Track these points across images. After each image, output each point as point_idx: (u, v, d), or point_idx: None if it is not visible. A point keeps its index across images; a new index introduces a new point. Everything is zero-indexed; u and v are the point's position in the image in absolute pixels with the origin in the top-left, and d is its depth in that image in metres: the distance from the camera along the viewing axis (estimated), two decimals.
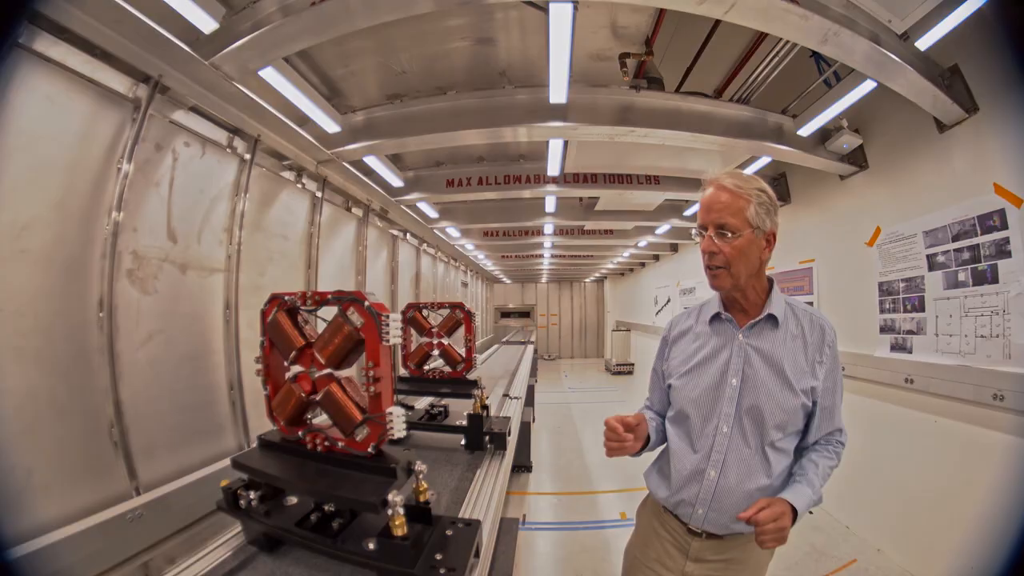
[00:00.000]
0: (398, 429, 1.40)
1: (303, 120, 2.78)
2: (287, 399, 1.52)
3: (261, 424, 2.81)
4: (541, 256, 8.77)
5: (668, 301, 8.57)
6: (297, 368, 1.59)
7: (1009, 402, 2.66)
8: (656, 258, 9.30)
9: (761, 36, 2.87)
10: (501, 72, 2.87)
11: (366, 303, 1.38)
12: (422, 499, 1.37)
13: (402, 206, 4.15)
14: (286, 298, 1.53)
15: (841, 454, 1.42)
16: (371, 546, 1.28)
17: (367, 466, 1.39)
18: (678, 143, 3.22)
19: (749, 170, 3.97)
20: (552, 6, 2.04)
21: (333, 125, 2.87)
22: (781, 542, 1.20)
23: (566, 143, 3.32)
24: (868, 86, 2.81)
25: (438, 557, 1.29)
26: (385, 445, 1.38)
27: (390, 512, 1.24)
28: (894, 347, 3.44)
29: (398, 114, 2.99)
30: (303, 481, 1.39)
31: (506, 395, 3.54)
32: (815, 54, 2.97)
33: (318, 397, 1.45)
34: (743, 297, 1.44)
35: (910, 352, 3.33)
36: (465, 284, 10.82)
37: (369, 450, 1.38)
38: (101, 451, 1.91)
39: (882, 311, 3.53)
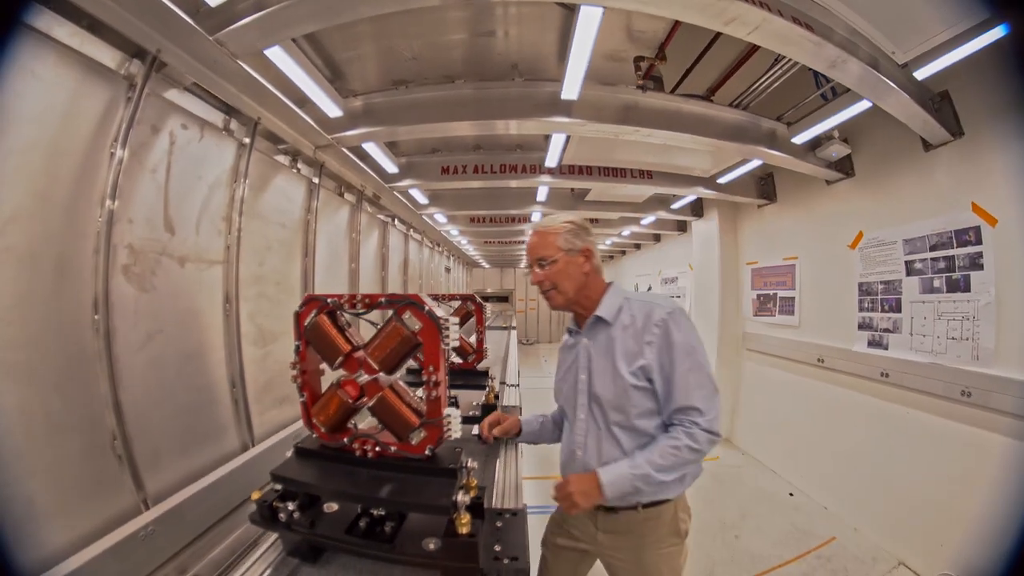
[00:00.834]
0: (455, 430, 1.39)
1: (302, 103, 2.64)
2: (330, 405, 1.46)
3: (263, 421, 2.71)
4: (524, 242, 8.72)
5: (649, 289, 8.59)
6: (341, 373, 1.53)
7: (976, 399, 2.89)
8: (638, 247, 9.40)
9: (756, 45, 2.91)
10: (513, 64, 2.79)
11: (426, 307, 1.34)
12: (473, 494, 1.36)
13: (395, 192, 3.99)
14: (329, 300, 1.45)
15: (695, 433, 1.44)
16: (432, 546, 1.26)
17: (423, 468, 1.37)
18: (679, 144, 3.26)
19: (738, 172, 4.04)
20: (583, 8, 2.03)
21: (335, 109, 2.71)
22: (571, 509, 1.48)
23: (568, 137, 3.29)
24: (864, 105, 2.93)
25: (497, 548, 1.32)
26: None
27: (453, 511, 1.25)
28: (871, 343, 3.61)
29: (404, 100, 2.86)
30: (360, 489, 1.33)
31: (503, 383, 3.51)
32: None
33: (369, 403, 1.40)
34: (580, 307, 1.68)
35: (886, 348, 3.51)
36: (448, 269, 10.68)
37: (426, 452, 1.37)
38: (105, 466, 1.75)
39: (861, 309, 3.68)
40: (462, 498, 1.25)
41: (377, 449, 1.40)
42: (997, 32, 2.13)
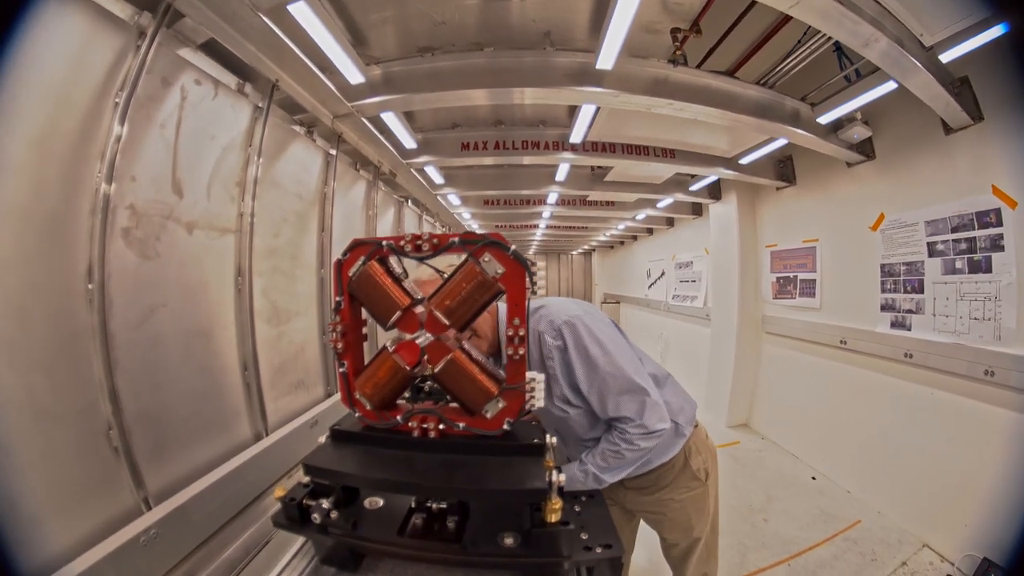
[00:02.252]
0: (539, 398, 1.09)
1: (322, 68, 2.28)
2: (380, 375, 1.12)
3: (278, 408, 2.29)
4: (536, 227, 8.25)
5: (662, 274, 8.17)
6: (393, 336, 1.22)
7: (999, 378, 2.74)
8: (650, 232, 8.96)
9: (782, 22, 2.72)
10: (545, 33, 2.47)
11: (511, 248, 1.04)
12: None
13: (412, 169, 3.62)
14: (383, 243, 1.10)
15: (630, 438, 1.39)
16: (510, 541, 0.99)
17: (499, 447, 1.09)
18: (710, 119, 2.97)
19: (759, 153, 3.76)
20: None
21: (357, 75, 2.36)
22: None
23: (597, 110, 2.95)
24: (888, 87, 2.75)
25: (584, 536, 1.07)
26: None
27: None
28: (894, 324, 3.35)
29: (428, 68, 2.51)
30: (426, 479, 1.01)
31: None
32: (838, 49, 2.92)
33: (434, 368, 1.09)
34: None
35: (909, 329, 3.27)
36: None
37: (505, 427, 1.09)
38: (100, 461, 1.41)
39: (883, 291, 3.42)
40: (557, 478, 0.95)
41: (441, 427, 1.09)
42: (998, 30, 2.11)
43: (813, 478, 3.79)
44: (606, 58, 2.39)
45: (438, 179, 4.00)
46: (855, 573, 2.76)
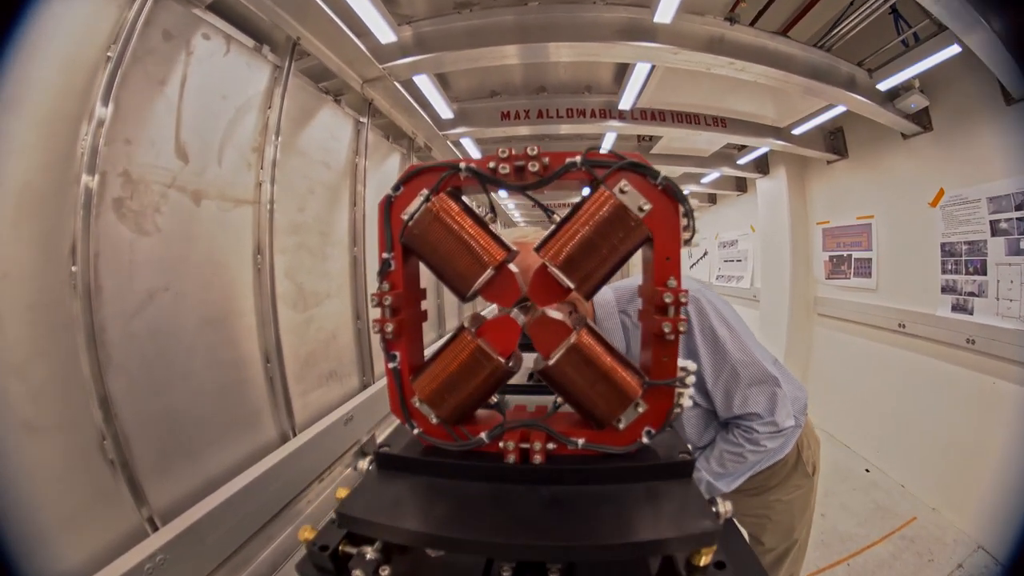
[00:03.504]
0: (687, 399, 0.72)
1: (349, 25, 1.87)
2: (461, 372, 0.72)
3: (306, 404, 1.86)
4: (573, 204, 7.77)
5: (705, 254, 7.40)
6: (493, 309, 0.95)
7: None
8: None
9: None
10: None
11: (660, 177, 0.66)
12: None
13: (448, 142, 3.19)
14: (462, 166, 0.70)
15: (755, 437, 1.09)
16: None
17: (634, 470, 0.71)
18: (769, 82, 2.52)
19: (813, 122, 3.33)
20: None
21: (389, 34, 1.95)
22: None
23: (651, 71, 2.52)
24: (951, 52, 2.39)
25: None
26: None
27: None
28: (955, 308, 2.92)
29: (466, 26, 2.11)
30: (537, 536, 0.61)
31: None
32: (894, 11, 2.57)
33: (549, 360, 0.70)
34: None
35: (971, 313, 2.84)
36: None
37: (643, 440, 0.71)
38: (93, 476, 1.08)
39: (944, 271, 2.98)
40: (725, 508, 0.61)
41: (551, 447, 0.71)
42: None
43: (867, 470, 3.40)
44: (665, 10, 1.98)
45: (475, 153, 3.55)
46: (913, 575, 2.44)
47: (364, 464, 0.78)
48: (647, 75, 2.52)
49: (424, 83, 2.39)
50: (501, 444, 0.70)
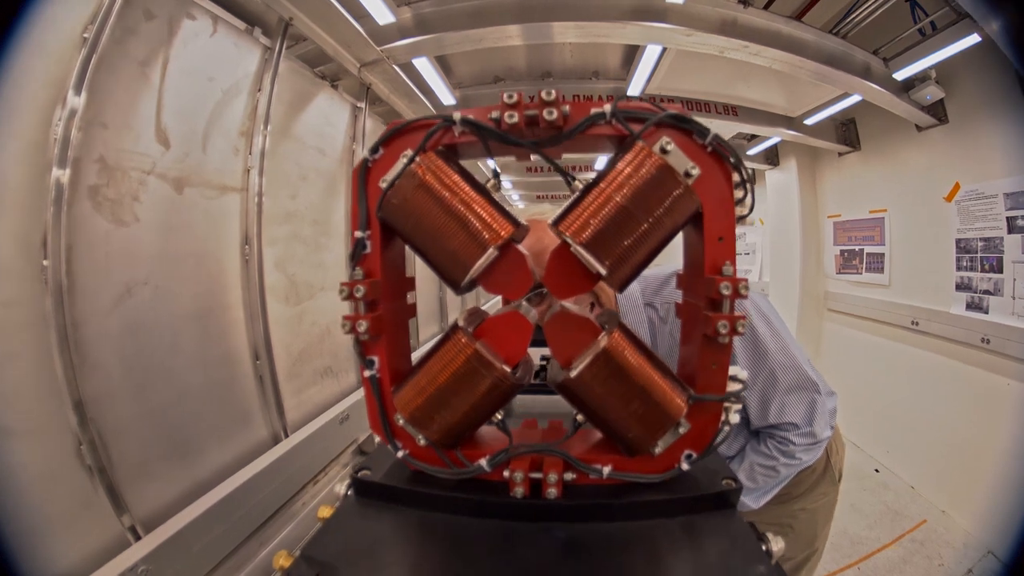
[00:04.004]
0: (734, 414, 0.59)
1: (345, 6, 1.78)
2: (453, 384, 0.58)
3: (301, 402, 1.78)
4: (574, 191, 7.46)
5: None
6: (497, 304, 0.83)
7: None
8: None
9: None
10: None
11: (709, 136, 0.54)
12: None
13: None
14: (458, 118, 0.56)
15: (790, 449, 1.00)
16: None
17: (666, 504, 0.58)
18: (784, 68, 2.42)
19: (825, 112, 3.23)
20: None
21: (387, 14, 1.85)
22: None
23: (663, 53, 2.42)
24: (970, 41, 2.31)
25: None
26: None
27: None
28: (969, 306, 2.85)
29: (469, 6, 2.00)
30: None
31: None
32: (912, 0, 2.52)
33: (572, 370, 0.56)
34: None
35: (986, 312, 2.77)
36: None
37: (683, 466, 0.59)
38: (70, 483, 1.02)
39: (959, 268, 2.91)
40: (776, 547, 0.52)
41: (570, 477, 0.59)
42: None
43: (876, 470, 3.35)
44: None
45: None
46: None
47: (341, 489, 0.67)
48: (657, 59, 2.42)
49: (425, 67, 2.29)
50: (506, 474, 0.58)
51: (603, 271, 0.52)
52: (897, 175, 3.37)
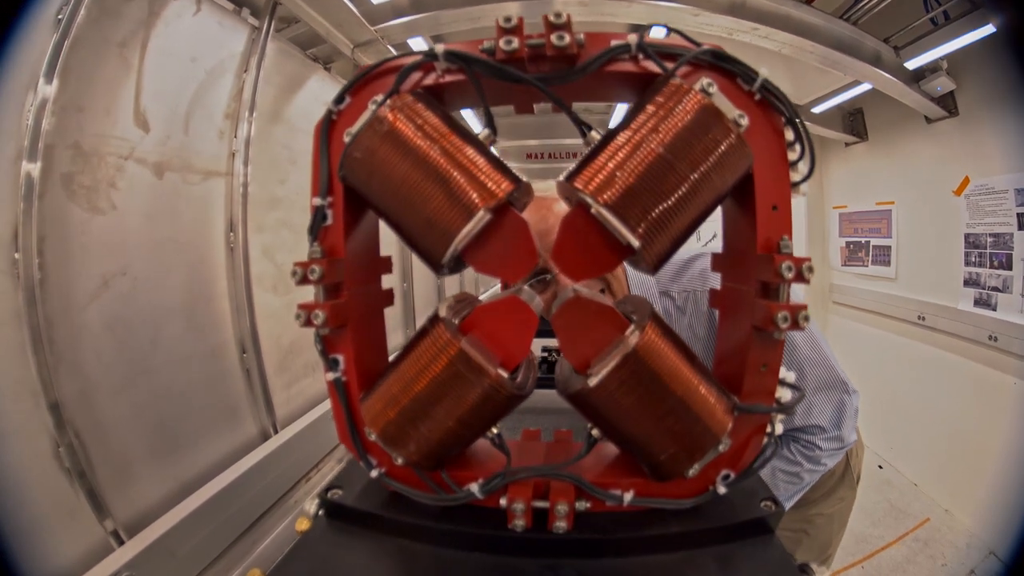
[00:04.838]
0: (777, 425, 0.50)
1: None
2: (433, 391, 0.45)
3: (291, 396, 1.74)
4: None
5: (714, 236, 7.49)
6: (492, 291, 0.65)
7: None
8: None
9: None
10: None
11: (758, 80, 0.44)
12: None
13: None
14: (440, 51, 0.44)
15: (816, 455, 0.95)
16: None
17: (696, 535, 0.49)
18: (793, 53, 2.37)
19: (833, 101, 3.19)
20: None
21: None
22: None
23: (667, 35, 2.36)
24: (984, 31, 2.27)
25: None
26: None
27: None
28: (978, 302, 2.83)
29: None
30: None
31: None
32: None
33: (593, 378, 0.42)
34: None
35: (994, 309, 2.74)
36: None
37: (720, 489, 0.49)
38: (49, 488, 0.97)
39: (967, 263, 2.88)
40: None
41: (584, 507, 0.49)
42: None
43: (879, 467, 3.35)
44: None
45: (477, 128, 3.35)
46: None
47: (312, 508, 0.57)
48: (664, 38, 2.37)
49: (420, 47, 2.22)
50: (503, 502, 0.47)
51: (635, 242, 0.39)
52: (905, 167, 3.33)
